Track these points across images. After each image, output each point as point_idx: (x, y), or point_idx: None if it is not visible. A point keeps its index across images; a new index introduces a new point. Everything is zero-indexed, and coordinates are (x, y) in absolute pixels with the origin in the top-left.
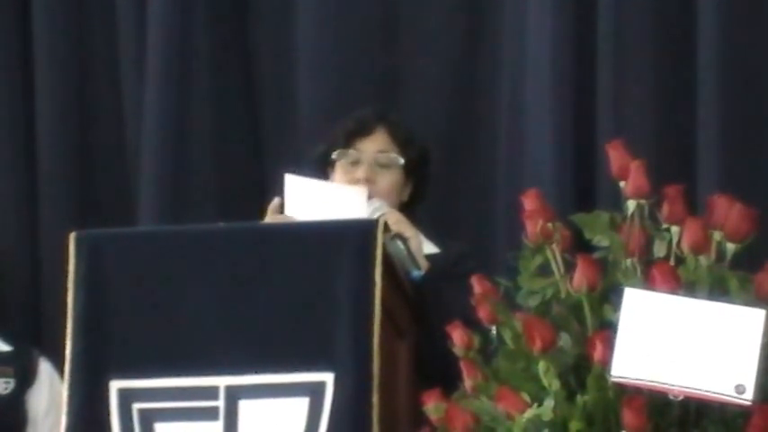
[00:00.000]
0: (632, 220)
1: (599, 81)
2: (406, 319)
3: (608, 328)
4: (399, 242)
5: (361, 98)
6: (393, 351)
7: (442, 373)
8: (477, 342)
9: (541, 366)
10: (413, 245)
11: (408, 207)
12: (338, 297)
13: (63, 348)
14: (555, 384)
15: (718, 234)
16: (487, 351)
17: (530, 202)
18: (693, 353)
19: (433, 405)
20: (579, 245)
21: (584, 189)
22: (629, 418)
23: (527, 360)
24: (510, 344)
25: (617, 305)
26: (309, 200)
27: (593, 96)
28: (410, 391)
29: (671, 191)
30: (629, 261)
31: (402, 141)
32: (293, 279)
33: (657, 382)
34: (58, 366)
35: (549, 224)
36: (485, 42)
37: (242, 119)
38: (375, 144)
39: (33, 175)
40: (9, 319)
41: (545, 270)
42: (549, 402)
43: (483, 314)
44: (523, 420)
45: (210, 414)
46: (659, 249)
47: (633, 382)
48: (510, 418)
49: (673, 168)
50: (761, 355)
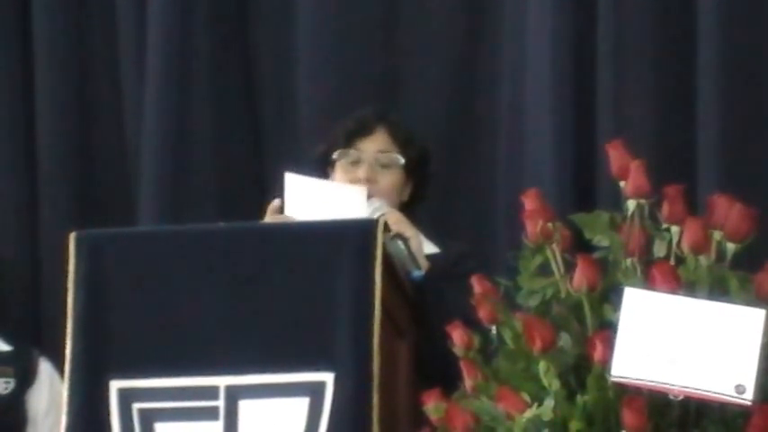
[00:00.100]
0: (632, 220)
1: (599, 81)
2: (406, 319)
3: (608, 328)
4: (399, 242)
5: (361, 98)
6: (393, 351)
7: (442, 373)
8: (477, 342)
9: (541, 366)
10: (413, 245)
11: (408, 207)
12: (338, 297)
13: (63, 348)
14: (555, 384)
15: (718, 234)
16: (487, 351)
17: (530, 202)
18: (693, 353)
19: (433, 405)
20: (579, 245)
21: (584, 189)
22: (629, 418)
23: (527, 360)
24: (510, 344)
25: (617, 305)
26: (309, 198)
27: (593, 96)
28: (410, 391)
29: (671, 191)
30: (629, 261)
31: (402, 141)
32: (293, 279)
33: (657, 382)
34: (58, 366)
35: (549, 224)
36: (485, 42)
37: (242, 119)
38: (376, 144)
39: (33, 175)
40: (9, 319)
41: (545, 270)
42: (549, 402)
43: (483, 314)
44: (523, 420)
45: (211, 414)
46: (659, 249)
47: (633, 382)
48: (510, 418)
49: (673, 168)
50: (761, 355)
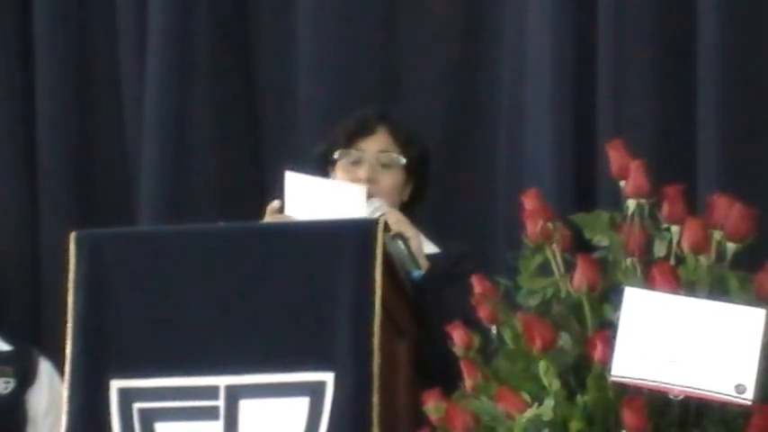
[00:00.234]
0: (632, 220)
1: (599, 81)
2: (406, 319)
3: (608, 328)
4: (400, 242)
5: (361, 98)
6: (393, 351)
7: (442, 373)
8: (477, 342)
9: (541, 366)
10: (413, 245)
11: (408, 207)
12: (338, 297)
13: (63, 348)
14: (555, 384)
15: (718, 234)
16: (487, 351)
17: (530, 202)
18: (693, 353)
19: (433, 405)
20: (579, 245)
21: (584, 189)
22: (629, 418)
23: (527, 360)
24: (510, 344)
25: (617, 305)
26: (309, 197)
27: (593, 96)
28: (410, 391)
29: (671, 191)
30: (629, 261)
31: (403, 141)
32: (293, 279)
33: (657, 382)
34: (58, 366)
35: (549, 224)
36: (485, 42)
37: (242, 119)
38: (377, 144)
39: (33, 175)
40: (9, 319)
41: (545, 270)
42: (549, 402)
43: (483, 314)
44: (523, 420)
45: (211, 414)
46: (659, 249)
47: (633, 382)
48: (510, 417)
49: (673, 168)
50: (761, 355)
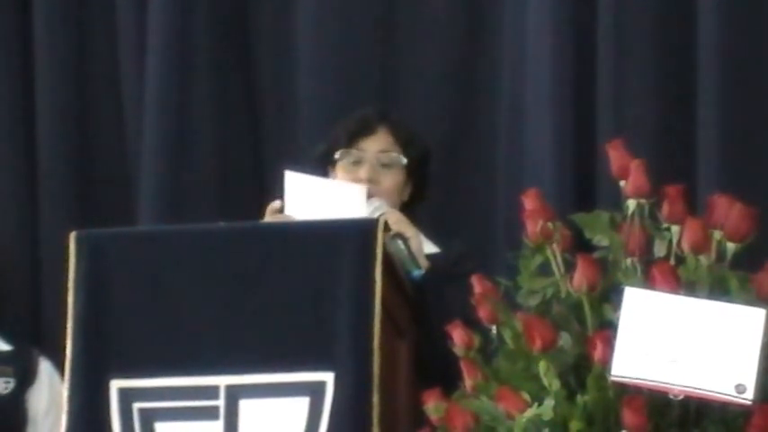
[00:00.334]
0: (632, 220)
1: (599, 81)
2: (406, 318)
3: (608, 328)
4: (400, 242)
5: (362, 98)
6: (393, 351)
7: (442, 373)
8: (477, 342)
9: (541, 366)
10: (413, 244)
11: (409, 207)
12: (338, 297)
13: (63, 348)
14: (555, 384)
15: (718, 234)
16: (487, 351)
17: (530, 202)
18: (693, 353)
19: (433, 405)
20: (579, 245)
21: (584, 189)
22: (629, 418)
23: (527, 360)
24: (510, 344)
25: (617, 305)
26: (309, 196)
27: (593, 96)
28: (410, 391)
29: (671, 191)
30: (629, 261)
31: (404, 141)
32: (293, 279)
33: (657, 382)
34: (58, 366)
35: (549, 224)
36: (485, 42)
37: (242, 119)
38: (377, 144)
39: (33, 175)
40: (9, 319)
41: (545, 270)
42: (549, 402)
43: (483, 314)
44: (523, 420)
45: (211, 413)
46: (659, 249)
47: (633, 381)
48: (510, 417)
49: (673, 168)
50: (761, 355)
